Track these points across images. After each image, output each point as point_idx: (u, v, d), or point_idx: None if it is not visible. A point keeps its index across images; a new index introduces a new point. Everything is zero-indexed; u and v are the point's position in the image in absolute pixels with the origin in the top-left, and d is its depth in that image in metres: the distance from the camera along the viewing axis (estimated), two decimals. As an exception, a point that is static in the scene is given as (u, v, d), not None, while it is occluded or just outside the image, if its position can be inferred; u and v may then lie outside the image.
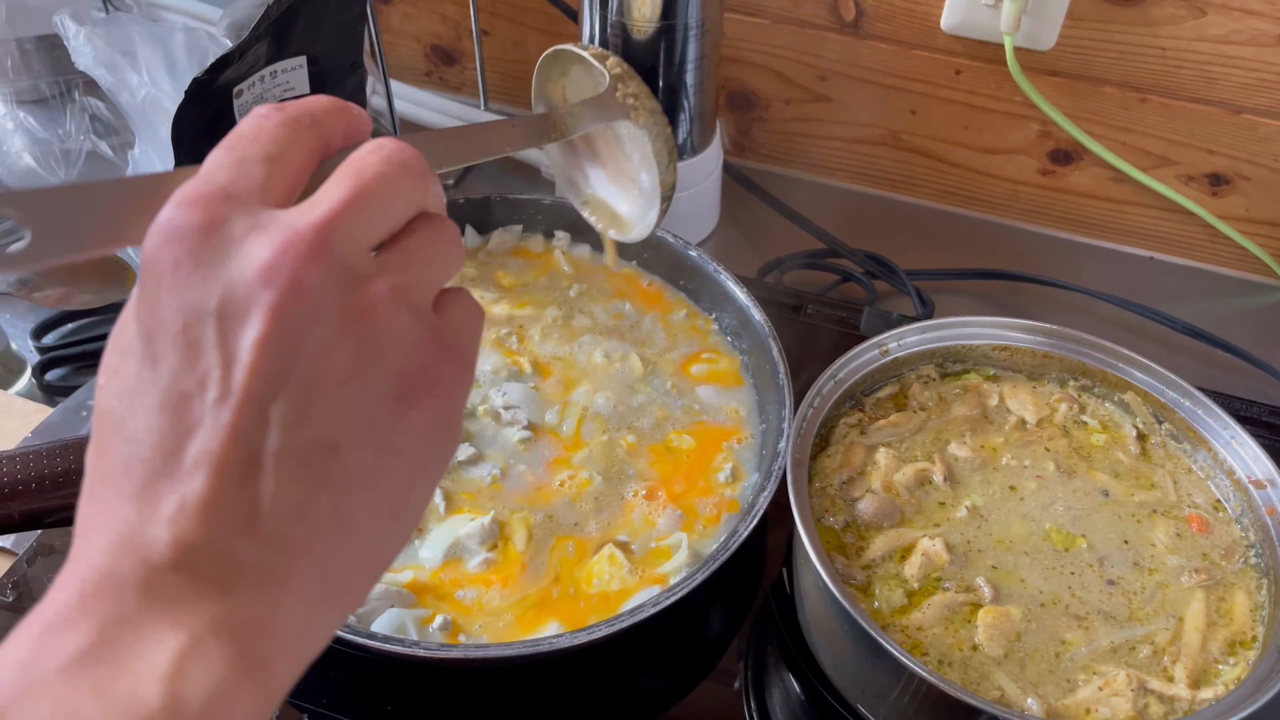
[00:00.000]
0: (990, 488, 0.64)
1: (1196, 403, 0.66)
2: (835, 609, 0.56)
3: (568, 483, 0.69)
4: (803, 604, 0.63)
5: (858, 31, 0.97)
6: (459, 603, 0.62)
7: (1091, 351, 0.69)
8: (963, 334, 0.70)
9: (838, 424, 0.68)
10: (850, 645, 0.57)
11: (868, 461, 0.65)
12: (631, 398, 0.74)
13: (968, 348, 0.70)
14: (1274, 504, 0.60)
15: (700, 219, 1.00)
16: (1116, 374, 0.68)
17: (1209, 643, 0.57)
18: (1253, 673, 0.53)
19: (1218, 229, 0.98)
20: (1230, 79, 0.89)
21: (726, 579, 0.68)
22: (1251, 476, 0.62)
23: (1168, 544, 0.62)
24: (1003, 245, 1.03)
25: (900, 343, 0.69)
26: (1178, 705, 0.54)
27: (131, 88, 0.79)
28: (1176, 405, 0.67)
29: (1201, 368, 0.92)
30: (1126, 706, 0.54)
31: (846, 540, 0.62)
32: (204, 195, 0.32)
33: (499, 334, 0.77)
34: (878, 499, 0.62)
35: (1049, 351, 0.70)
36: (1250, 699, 0.51)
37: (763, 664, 0.67)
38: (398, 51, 1.16)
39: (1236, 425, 0.64)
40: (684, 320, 0.81)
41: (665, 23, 0.84)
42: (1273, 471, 0.61)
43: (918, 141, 1.03)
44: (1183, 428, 0.67)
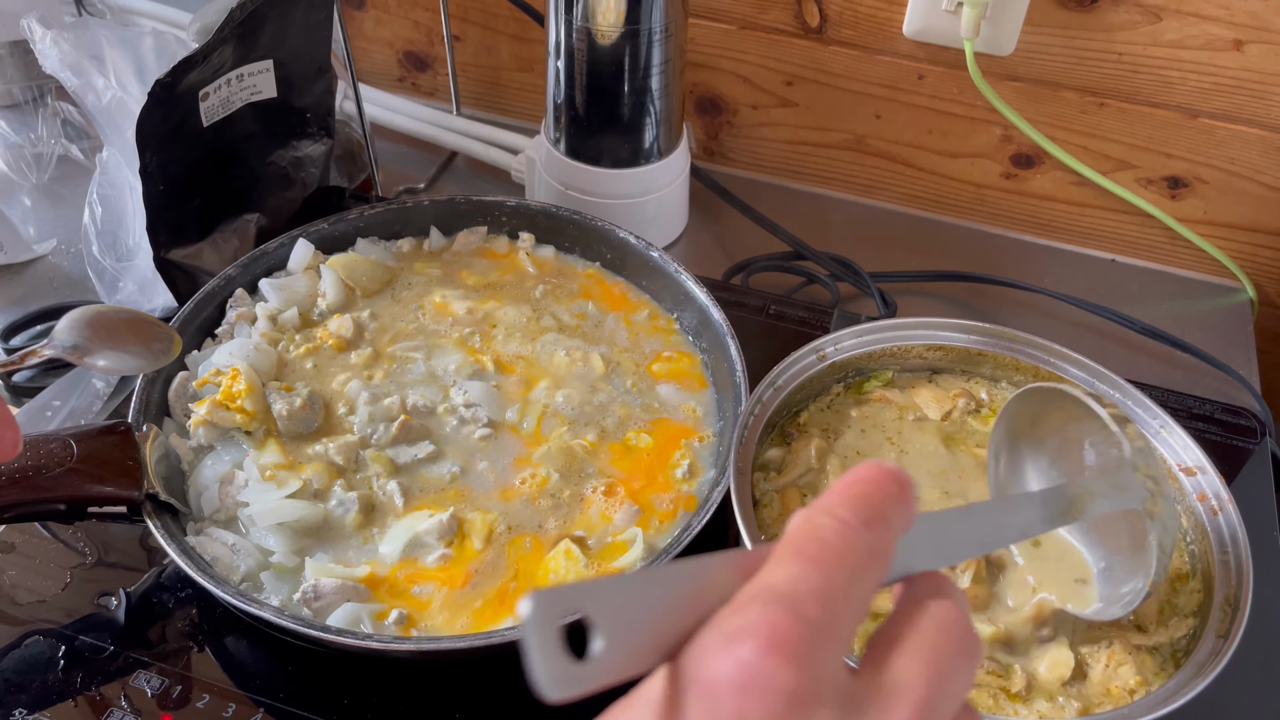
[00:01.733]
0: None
1: (1125, 394, 0.67)
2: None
3: (528, 480, 0.69)
4: None
5: (822, 37, 0.99)
6: (415, 598, 0.63)
7: (1023, 347, 0.70)
8: (898, 336, 0.71)
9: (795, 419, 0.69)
10: None
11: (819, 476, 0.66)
12: (593, 396, 0.74)
13: (904, 349, 0.71)
14: (1204, 490, 0.62)
15: (668, 222, 1.01)
16: (1049, 369, 0.70)
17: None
18: (1192, 658, 0.54)
19: (1177, 231, 0.99)
20: (1186, 83, 0.91)
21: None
22: (1182, 464, 0.63)
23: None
24: (967, 248, 1.05)
25: (837, 347, 0.70)
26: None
27: (98, 90, 0.79)
28: (1107, 398, 0.68)
29: (1161, 368, 0.93)
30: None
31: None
32: (799, 641, 0.27)
33: (462, 333, 0.78)
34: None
35: (983, 349, 0.71)
36: (1188, 687, 0.52)
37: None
38: (371, 57, 1.17)
39: (1166, 415, 0.65)
40: (646, 320, 0.81)
41: (630, 27, 0.85)
42: (1203, 459, 0.62)
43: (883, 146, 1.04)
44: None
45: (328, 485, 0.67)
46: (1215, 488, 0.61)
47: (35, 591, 0.68)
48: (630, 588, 0.29)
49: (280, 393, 0.70)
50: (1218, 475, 0.62)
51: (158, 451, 0.66)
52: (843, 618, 0.29)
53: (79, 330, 0.63)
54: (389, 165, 1.10)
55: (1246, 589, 0.56)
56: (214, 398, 0.69)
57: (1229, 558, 0.58)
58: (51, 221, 1.01)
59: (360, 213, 0.84)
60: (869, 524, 0.30)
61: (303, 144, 0.92)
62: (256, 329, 0.76)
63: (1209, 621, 0.56)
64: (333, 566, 0.63)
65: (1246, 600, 0.55)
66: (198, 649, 0.65)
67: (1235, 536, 0.59)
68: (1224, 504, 0.61)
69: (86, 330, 0.63)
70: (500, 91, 1.14)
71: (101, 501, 0.62)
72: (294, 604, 0.62)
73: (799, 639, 0.27)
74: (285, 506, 0.65)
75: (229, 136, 0.85)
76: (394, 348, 0.76)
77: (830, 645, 0.28)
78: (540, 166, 0.98)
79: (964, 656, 0.31)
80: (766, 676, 0.27)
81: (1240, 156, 0.94)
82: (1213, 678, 0.52)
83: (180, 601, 0.67)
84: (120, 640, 0.65)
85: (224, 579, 0.61)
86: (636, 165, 0.93)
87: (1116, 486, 0.53)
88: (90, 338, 0.63)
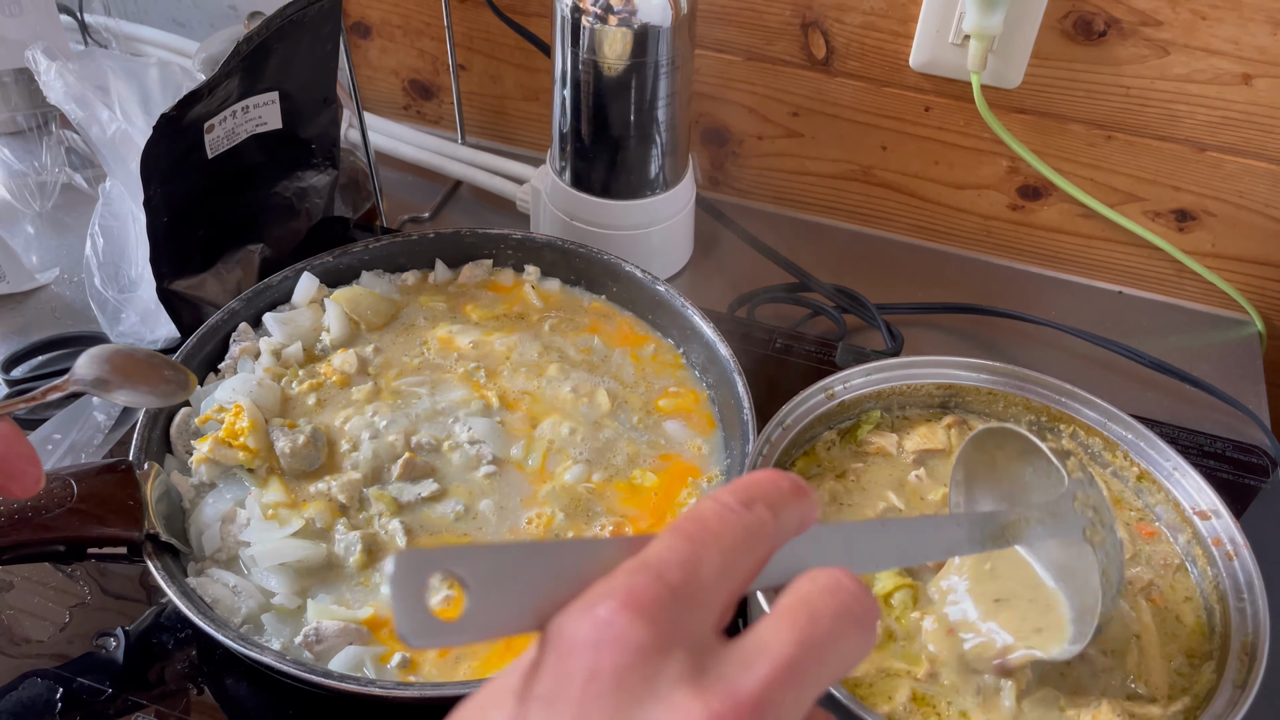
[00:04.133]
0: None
1: (1138, 435, 0.66)
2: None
3: (534, 520, 0.69)
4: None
5: (828, 69, 0.99)
6: (419, 640, 0.62)
7: (1035, 387, 0.70)
8: (907, 375, 0.70)
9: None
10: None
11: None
12: (599, 432, 0.74)
13: (913, 388, 0.71)
14: (1219, 535, 0.61)
15: (673, 254, 1.01)
16: (1060, 409, 0.69)
17: (1168, 658, 0.58)
18: (1209, 710, 0.53)
19: (1185, 264, 0.99)
20: (1194, 117, 0.91)
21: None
22: (1196, 508, 0.62)
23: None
24: (974, 279, 1.04)
25: (846, 385, 0.69)
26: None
27: (102, 122, 0.79)
28: (1120, 439, 0.67)
29: (1170, 402, 0.92)
30: None
31: None
32: (656, 601, 0.29)
33: (467, 368, 0.77)
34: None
35: (993, 389, 0.70)
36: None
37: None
38: (376, 86, 1.17)
39: (1179, 457, 0.64)
40: (652, 355, 0.81)
41: (636, 60, 0.85)
42: (1217, 503, 0.62)
43: (889, 177, 1.04)
44: (1127, 462, 0.67)
45: (330, 524, 0.66)
46: (1230, 532, 0.61)
47: (34, 631, 0.67)
48: (504, 557, 0.31)
49: (283, 430, 0.70)
50: (1232, 519, 0.61)
51: (159, 489, 0.65)
52: (709, 587, 0.30)
53: (100, 366, 0.62)
54: (394, 194, 1.09)
55: (1264, 638, 0.55)
56: (217, 435, 0.69)
57: (1244, 604, 0.58)
58: (54, 250, 1.00)
59: (365, 245, 0.83)
60: (748, 505, 0.32)
61: (307, 174, 0.92)
62: (260, 364, 0.75)
63: (1225, 671, 0.55)
64: (335, 608, 0.63)
65: (1264, 649, 0.55)
66: (197, 691, 0.64)
67: (1251, 583, 0.58)
68: (1239, 549, 0.60)
69: (108, 366, 0.63)
70: (505, 120, 1.14)
71: (102, 542, 0.61)
72: (295, 647, 0.61)
73: (655, 600, 0.29)
74: (287, 546, 0.64)
75: (234, 168, 0.84)
76: (398, 383, 0.75)
77: (691, 609, 0.30)
78: (545, 197, 0.98)
79: (849, 622, 0.31)
80: (618, 631, 0.28)
81: (1248, 190, 0.93)
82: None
83: (180, 642, 0.67)
84: (119, 682, 0.64)
85: (225, 621, 0.60)
86: (642, 196, 0.93)
87: (1054, 515, 0.55)
88: (112, 372, 0.63)
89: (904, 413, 0.71)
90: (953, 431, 0.70)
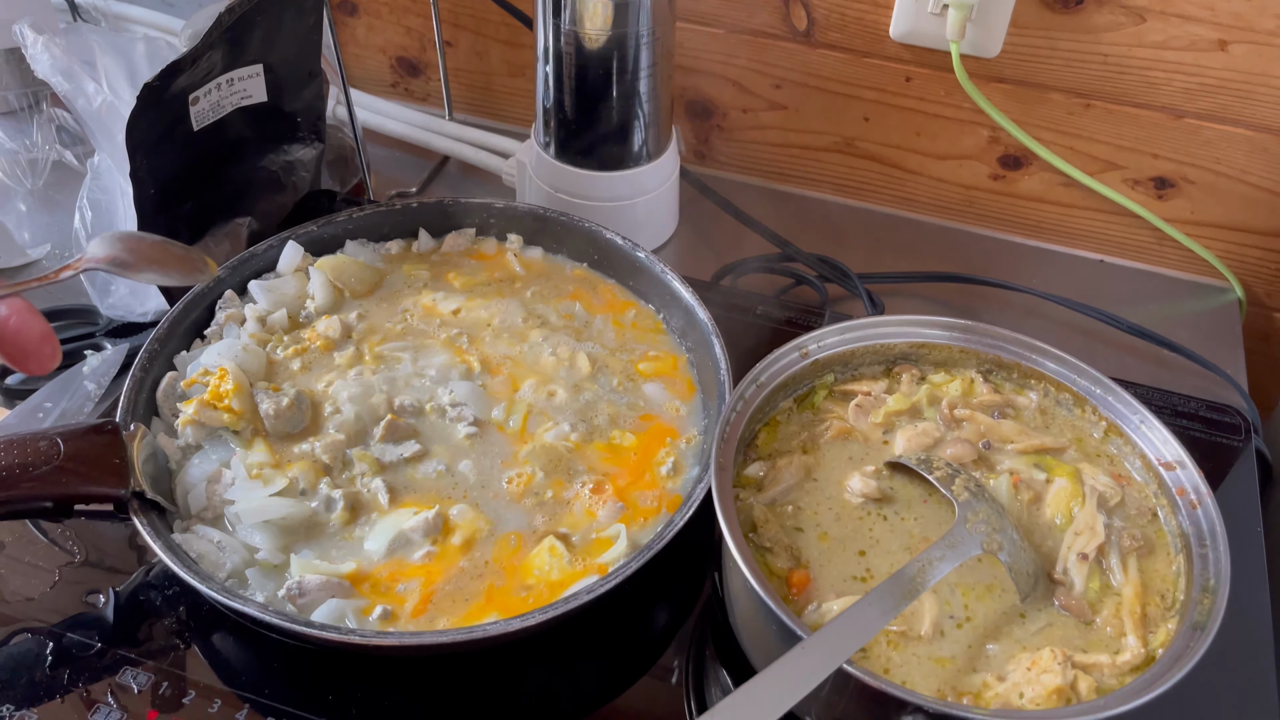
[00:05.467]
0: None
1: (1106, 389, 0.68)
2: (761, 609, 0.56)
3: (514, 479, 0.70)
4: (732, 605, 0.64)
5: (810, 40, 0.99)
6: (399, 595, 0.63)
7: (1005, 344, 0.71)
8: (880, 334, 0.71)
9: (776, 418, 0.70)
10: (779, 644, 0.58)
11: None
12: (579, 394, 0.75)
13: (886, 346, 0.72)
14: (1183, 485, 0.62)
15: (658, 225, 1.02)
16: (1030, 365, 0.70)
17: (1148, 606, 0.59)
18: (1169, 648, 0.54)
19: (1164, 232, 0.99)
20: (1171, 84, 0.92)
21: (670, 576, 0.69)
22: (1161, 459, 0.63)
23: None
24: (957, 250, 1.05)
25: (820, 344, 0.70)
26: (1100, 674, 0.56)
27: (88, 95, 0.80)
28: (1088, 394, 0.68)
29: (1149, 367, 0.93)
30: (1056, 681, 0.55)
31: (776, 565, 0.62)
32: None
33: (449, 334, 0.78)
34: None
35: (965, 346, 0.71)
36: (1164, 677, 0.52)
37: (701, 661, 0.67)
38: (364, 64, 1.18)
39: (1146, 411, 0.65)
40: (633, 320, 0.82)
41: (617, 31, 0.86)
42: (1182, 454, 0.63)
43: (872, 148, 1.05)
44: (1095, 416, 0.69)
45: (314, 483, 0.68)
46: (1195, 482, 0.62)
47: (24, 590, 0.68)
48: None
49: (268, 393, 0.71)
50: (1197, 470, 0.62)
51: (145, 451, 0.67)
52: None
53: (114, 245, 0.62)
54: (382, 170, 1.10)
55: (1224, 581, 0.56)
56: (202, 397, 0.70)
57: (1206, 551, 0.59)
58: (46, 226, 1.01)
59: (349, 215, 0.84)
60: None
61: (294, 148, 0.93)
62: (245, 330, 0.76)
63: (1187, 614, 0.56)
64: (317, 563, 0.64)
65: (1224, 592, 0.56)
66: (184, 646, 0.66)
67: (1214, 530, 0.59)
68: (1203, 498, 0.61)
69: (120, 245, 0.62)
70: (492, 96, 1.15)
71: (88, 499, 0.62)
72: (279, 600, 0.62)
73: None
74: (271, 504, 0.66)
75: (220, 141, 0.86)
76: (382, 348, 0.77)
77: None
78: (530, 170, 0.99)
79: None
80: None
81: (1226, 156, 0.94)
82: (1190, 667, 0.52)
83: (168, 600, 0.68)
84: (108, 638, 0.66)
85: (209, 576, 0.62)
86: (625, 168, 0.94)
87: (952, 547, 0.58)
88: (126, 253, 0.63)
89: (858, 371, 0.73)
90: (903, 380, 0.71)
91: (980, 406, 0.70)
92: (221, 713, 0.62)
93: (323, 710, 0.62)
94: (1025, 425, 0.69)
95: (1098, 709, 0.51)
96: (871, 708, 0.55)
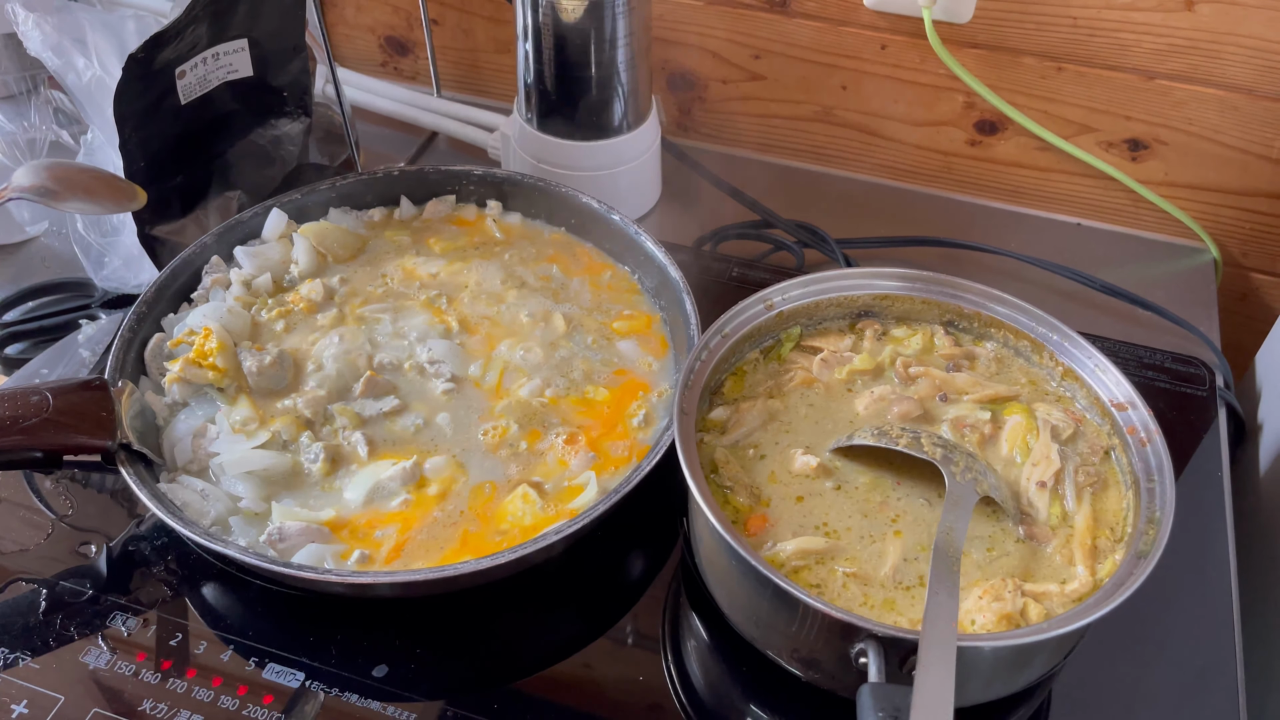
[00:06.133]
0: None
1: (1063, 336, 0.69)
2: (724, 548, 0.58)
3: (490, 431, 0.72)
4: (698, 547, 0.66)
5: (786, 10, 1.01)
6: (377, 541, 0.66)
7: (964, 294, 0.72)
8: (842, 286, 0.73)
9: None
10: (742, 583, 0.60)
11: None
12: (554, 352, 0.77)
13: (849, 299, 0.73)
14: (1134, 424, 0.64)
15: (640, 195, 1.03)
16: (990, 314, 0.72)
17: (1097, 539, 0.61)
18: (1114, 575, 0.56)
19: (1140, 194, 1.01)
20: (1141, 45, 0.93)
21: (641, 524, 0.71)
22: (1114, 400, 0.65)
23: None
24: (936, 216, 1.06)
25: (784, 296, 0.72)
26: (1049, 601, 0.57)
27: (78, 70, 0.83)
28: (1045, 340, 0.70)
29: (1123, 325, 0.94)
30: (1005, 608, 0.57)
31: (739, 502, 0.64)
32: None
33: (429, 296, 0.80)
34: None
35: (926, 297, 0.73)
36: (1106, 601, 0.54)
37: (676, 607, 0.69)
38: (354, 43, 1.20)
39: (1100, 355, 0.67)
40: (609, 281, 0.84)
41: (594, 1, 0.87)
42: (1133, 394, 0.64)
43: (850, 116, 1.07)
44: (1053, 362, 0.70)
45: (295, 436, 0.70)
46: (1145, 421, 0.63)
47: (18, 542, 0.71)
48: None
49: (251, 351, 0.73)
50: (1147, 410, 0.64)
51: (134, 408, 0.69)
52: None
53: (39, 174, 0.63)
54: (372, 147, 1.13)
55: (1169, 513, 0.58)
56: (187, 356, 0.72)
57: (1154, 485, 0.60)
58: (44, 205, 1.04)
59: (332, 183, 0.87)
60: None
61: (281, 122, 0.95)
62: (230, 293, 0.79)
63: (1132, 545, 0.58)
64: (298, 510, 0.66)
65: (1168, 523, 0.57)
66: (173, 593, 0.68)
67: (1161, 466, 0.61)
68: (1153, 436, 0.62)
69: (46, 174, 0.63)
70: (479, 74, 1.17)
71: (76, 450, 0.65)
72: (260, 545, 0.64)
73: None
74: (254, 456, 0.68)
75: (208, 115, 0.88)
76: (363, 310, 0.79)
77: None
78: (514, 142, 1.01)
79: None
80: None
81: (1198, 117, 0.95)
82: (1131, 592, 0.54)
83: (157, 550, 0.70)
84: (99, 586, 0.68)
85: (193, 522, 0.64)
86: (605, 138, 0.96)
87: (956, 504, 0.60)
88: (52, 182, 0.64)
89: (823, 326, 0.74)
90: (867, 336, 0.73)
91: (939, 360, 0.72)
92: (207, 653, 0.64)
93: (303, 651, 0.64)
94: (980, 376, 0.71)
95: (1040, 630, 0.53)
96: (832, 640, 0.57)
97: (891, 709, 0.50)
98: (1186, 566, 0.70)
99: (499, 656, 0.66)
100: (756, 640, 0.62)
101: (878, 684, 0.52)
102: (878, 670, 0.52)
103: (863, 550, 0.61)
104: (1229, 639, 0.67)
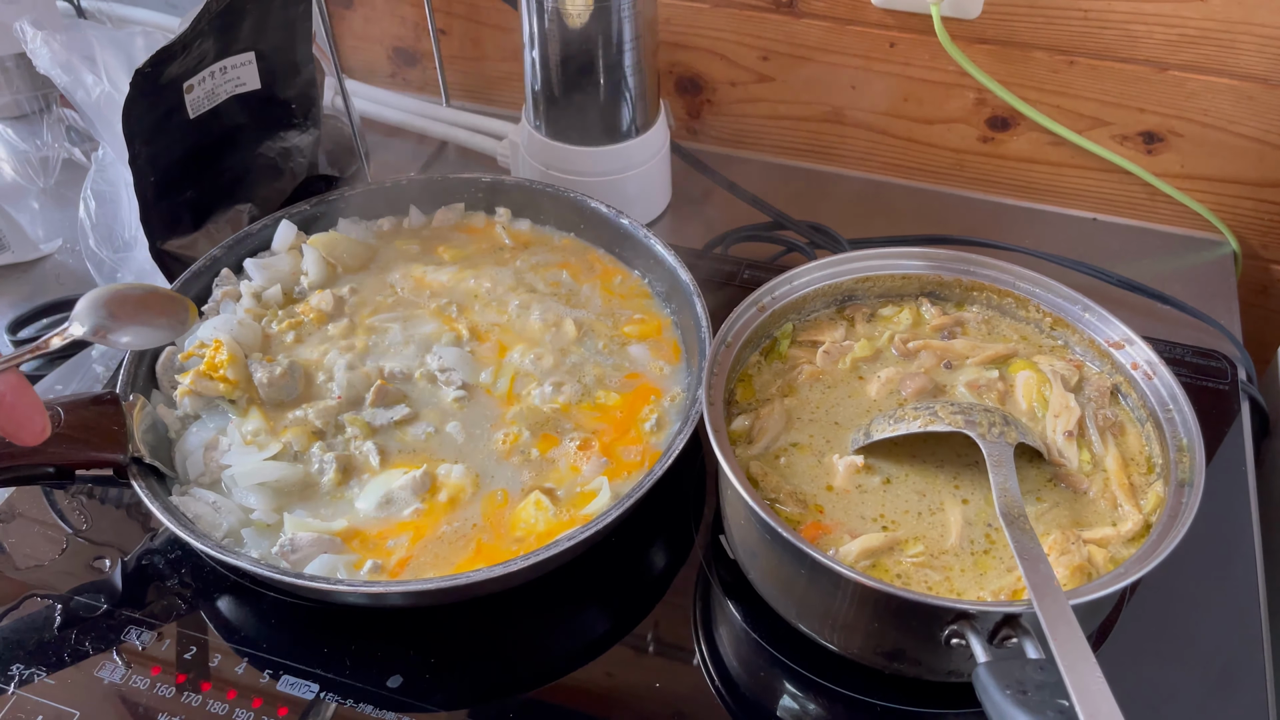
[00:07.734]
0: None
1: (1045, 287, 0.71)
2: (762, 528, 0.57)
3: (502, 439, 0.72)
4: (731, 533, 0.66)
5: (793, 10, 1.00)
6: (389, 550, 0.65)
7: (946, 263, 0.74)
8: (826, 275, 0.74)
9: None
10: (782, 562, 0.59)
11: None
12: (565, 358, 0.77)
13: (833, 286, 0.74)
14: (1135, 359, 0.65)
15: (650, 200, 1.03)
16: (972, 279, 0.73)
17: (1132, 476, 0.62)
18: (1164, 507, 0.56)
19: (1156, 187, 0.99)
20: (1153, 36, 0.92)
21: (655, 530, 0.71)
22: (1110, 340, 0.67)
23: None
24: (950, 214, 1.06)
25: (772, 296, 0.72)
26: (1111, 546, 0.58)
27: (87, 86, 0.83)
28: (1030, 294, 0.72)
29: (1142, 321, 0.93)
30: (1075, 560, 0.56)
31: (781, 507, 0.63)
32: None
33: (439, 304, 0.80)
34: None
35: (908, 274, 0.74)
36: (1168, 536, 0.54)
37: (708, 598, 0.69)
38: (363, 54, 1.20)
39: (1085, 299, 0.69)
40: (619, 285, 0.84)
41: (598, 5, 0.87)
42: (1128, 332, 0.66)
43: (860, 116, 1.06)
44: (1040, 313, 0.72)
45: (307, 447, 0.70)
46: (1145, 355, 0.65)
47: (33, 557, 0.71)
48: None
49: (262, 363, 0.73)
50: (1145, 344, 0.65)
51: (146, 421, 0.69)
52: None
53: (98, 310, 0.64)
54: (382, 157, 1.13)
55: (1196, 437, 0.59)
56: (198, 368, 0.72)
57: (1172, 414, 0.61)
58: (58, 222, 1.05)
59: (341, 194, 0.87)
60: None
61: (290, 134, 0.96)
62: (241, 306, 0.79)
63: (1170, 475, 0.58)
64: (310, 521, 0.66)
65: (1199, 447, 0.58)
66: (187, 607, 0.68)
67: (1174, 394, 0.62)
68: (1157, 368, 0.64)
69: (104, 310, 0.65)
70: (486, 82, 1.17)
71: (88, 465, 0.65)
72: (272, 556, 0.64)
73: None
74: (266, 468, 0.68)
75: (217, 128, 0.88)
76: (373, 319, 0.79)
77: None
78: (523, 149, 1.01)
79: None
80: None
81: (1213, 107, 0.94)
82: (1190, 522, 0.54)
83: (170, 563, 0.70)
84: (114, 600, 0.68)
85: (205, 535, 0.64)
86: (614, 143, 0.96)
87: (998, 464, 0.60)
88: (110, 316, 0.65)
89: (813, 317, 0.74)
90: (858, 320, 0.74)
91: (931, 331, 0.72)
92: (222, 666, 0.64)
93: (317, 663, 0.64)
94: (974, 339, 0.72)
95: (1132, 571, 0.53)
96: (920, 627, 0.56)
97: (1016, 684, 0.48)
98: (1212, 561, 0.69)
99: (514, 665, 0.65)
100: (836, 644, 0.61)
101: (991, 662, 0.50)
102: (982, 649, 0.51)
103: (925, 529, 0.61)
104: (1256, 634, 0.66)
